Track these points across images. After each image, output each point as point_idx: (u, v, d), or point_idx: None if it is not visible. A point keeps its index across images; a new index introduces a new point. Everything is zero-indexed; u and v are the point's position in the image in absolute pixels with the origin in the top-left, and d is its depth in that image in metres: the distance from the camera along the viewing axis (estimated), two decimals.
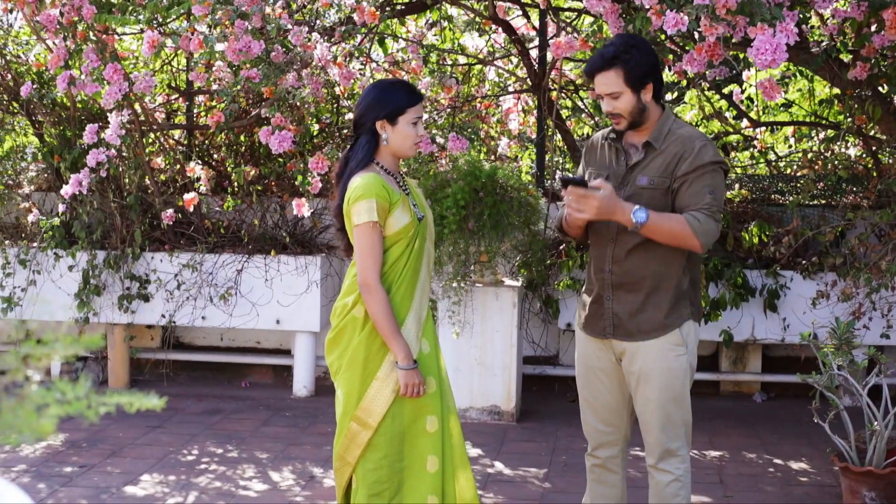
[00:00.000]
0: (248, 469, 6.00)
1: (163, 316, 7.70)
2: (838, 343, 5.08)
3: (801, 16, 5.04)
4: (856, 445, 5.10)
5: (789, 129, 9.02)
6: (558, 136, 8.29)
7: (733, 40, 4.81)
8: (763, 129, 8.59)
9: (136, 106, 7.24)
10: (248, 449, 6.38)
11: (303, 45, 6.09)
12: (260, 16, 5.94)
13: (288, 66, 6.27)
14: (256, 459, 6.17)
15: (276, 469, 6.00)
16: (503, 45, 8.68)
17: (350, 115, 8.24)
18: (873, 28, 5.69)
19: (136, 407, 1.50)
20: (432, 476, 3.90)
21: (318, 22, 6.80)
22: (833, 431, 5.13)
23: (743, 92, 8.43)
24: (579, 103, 8.84)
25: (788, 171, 8.52)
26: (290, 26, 6.08)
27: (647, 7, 4.89)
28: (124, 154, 7.20)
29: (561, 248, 7.53)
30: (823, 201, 7.59)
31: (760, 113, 9.04)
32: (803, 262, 7.20)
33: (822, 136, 8.90)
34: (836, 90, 7.21)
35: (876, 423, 4.98)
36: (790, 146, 9.19)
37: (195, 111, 8.66)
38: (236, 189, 8.03)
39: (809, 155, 8.17)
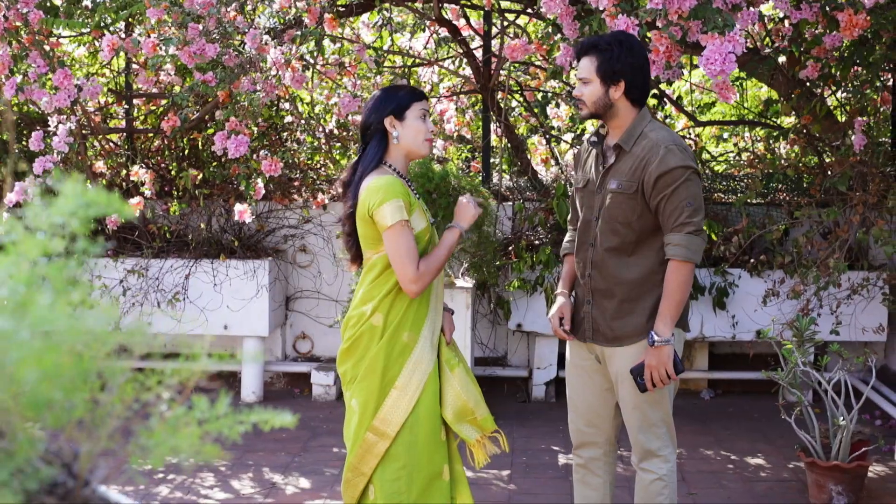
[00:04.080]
0: (207, 478, 5.91)
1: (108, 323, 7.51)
2: (800, 339, 5.16)
3: (759, 13, 5.10)
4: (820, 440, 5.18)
5: (716, 128, 9.20)
6: (496, 136, 8.29)
7: (687, 39, 4.85)
8: (697, 128, 8.73)
9: (78, 109, 7.09)
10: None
11: (258, 49, 6.02)
12: (215, 18, 5.86)
13: (241, 70, 6.19)
14: (214, 467, 6.08)
15: (235, 477, 5.92)
16: (439, 45, 8.66)
17: (289, 119, 8.15)
18: (816, 29, 5.80)
19: (270, 425, 1.46)
20: (446, 484, 3.84)
21: (256, 21, 6.70)
22: (791, 426, 5.21)
23: (674, 92, 8.54)
24: (514, 103, 8.88)
25: (719, 168, 8.64)
26: (246, 29, 6.01)
27: (602, 9, 4.93)
28: (66, 155, 7.03)
29: (510, 249, 7.54)
30: (767, 199, 7.69)
31: (695, 111, 9.18)
32: (751, 260, 7.28)
33: (747, 134, 9.07)
34: (775, 92, 7.35)
35: (842, 418, 5.06)
36: (720, 144, 9.35)
37: (134, 115, 8.50)
38: (181, 193, 7.89)
39: (744, 154, 8.30)
